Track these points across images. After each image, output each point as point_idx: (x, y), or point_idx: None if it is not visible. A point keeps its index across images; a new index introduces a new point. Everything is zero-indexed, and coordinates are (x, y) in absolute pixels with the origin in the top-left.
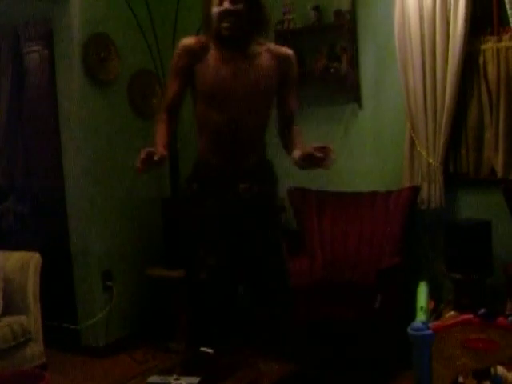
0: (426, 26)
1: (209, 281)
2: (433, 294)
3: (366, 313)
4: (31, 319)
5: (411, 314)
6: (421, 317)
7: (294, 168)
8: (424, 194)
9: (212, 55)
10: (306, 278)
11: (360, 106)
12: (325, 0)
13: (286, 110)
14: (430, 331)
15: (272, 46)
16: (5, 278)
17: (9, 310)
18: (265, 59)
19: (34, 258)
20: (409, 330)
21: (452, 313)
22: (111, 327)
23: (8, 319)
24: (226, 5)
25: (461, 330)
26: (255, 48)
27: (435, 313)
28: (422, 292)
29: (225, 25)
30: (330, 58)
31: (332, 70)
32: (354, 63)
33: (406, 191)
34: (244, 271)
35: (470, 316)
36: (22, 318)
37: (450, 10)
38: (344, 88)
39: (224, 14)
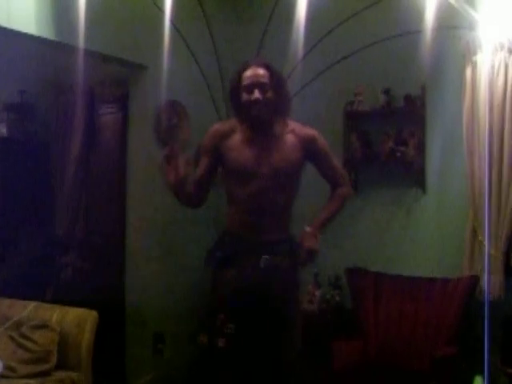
0: (495, 114)
1: (227, 349)
2: None
3: None
4: (82, 376)
5: None
6: None
7: (353, 247)
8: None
9: (239, 137)
10: (359, 359)
11: (424, 191)
12: (395, 84)
13: (329, 178)
14: None
15: (296, 126)
16: (61, 332)
17: (62, 364)
18: (288, 140)
19: (91, 316)
20: None
21: None
22: None
23: (61, 374)
24: (257, 94)
25: None
26: (279, 129)
27: None
28: None
29: (254, 112)
30: (397, 142)
31: (398, 154)
32: (421, 148)
33: (464, 280)
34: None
35: None
36: (74, 375)
37: None
38: (409, 172)
39: (254, 103)
